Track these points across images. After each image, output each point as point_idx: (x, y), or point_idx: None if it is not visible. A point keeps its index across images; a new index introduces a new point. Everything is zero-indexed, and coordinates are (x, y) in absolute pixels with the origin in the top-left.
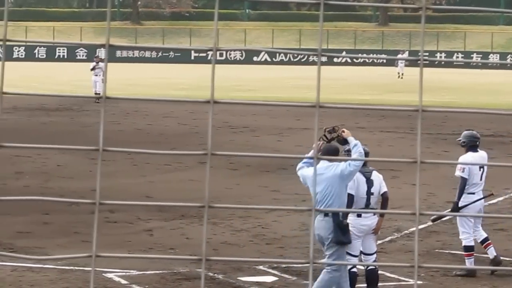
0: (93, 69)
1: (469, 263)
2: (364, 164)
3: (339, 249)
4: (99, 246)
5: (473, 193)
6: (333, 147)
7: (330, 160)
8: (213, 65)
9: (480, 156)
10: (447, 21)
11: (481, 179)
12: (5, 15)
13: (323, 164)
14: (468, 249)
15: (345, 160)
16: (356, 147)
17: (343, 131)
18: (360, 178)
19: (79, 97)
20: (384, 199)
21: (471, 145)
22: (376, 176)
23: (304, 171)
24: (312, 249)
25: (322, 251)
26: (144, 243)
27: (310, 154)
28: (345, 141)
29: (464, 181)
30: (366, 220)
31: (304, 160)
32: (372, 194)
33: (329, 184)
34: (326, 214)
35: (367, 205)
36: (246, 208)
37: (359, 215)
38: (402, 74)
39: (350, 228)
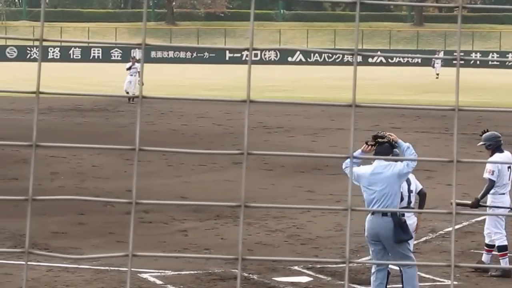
0: (129, 68)
1: (504, 263)
2: None
3: (401, 246)
4: (134, 246)
5: (504, 194)
6: (387, 147)
7: (388, 160)
8: (249, 64)
9: (507, 156)
10: (482, 21)
11: (509, 179)
12: (42, 16)
13: (380, 163)
14: (502, 249)
15: (392, 160)
16: (409, 149)
17: (391, 135)
18: None
19: (115, 97)
20: (422, 195)
21: (497, 146)
22: (411, 175)
23: (356, 169)
24: (348, 249)
25: (357, 251)
26: (179, 243)
27: (357, 153)
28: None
29: (492, 184)
30: (409, 220)
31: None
32: (412, 192)
33: (388, 184)
34: (384, 214)
35: (409, 203)
36: (282, 207)
37: (402, 215)
38: (438, 74)
39: None
